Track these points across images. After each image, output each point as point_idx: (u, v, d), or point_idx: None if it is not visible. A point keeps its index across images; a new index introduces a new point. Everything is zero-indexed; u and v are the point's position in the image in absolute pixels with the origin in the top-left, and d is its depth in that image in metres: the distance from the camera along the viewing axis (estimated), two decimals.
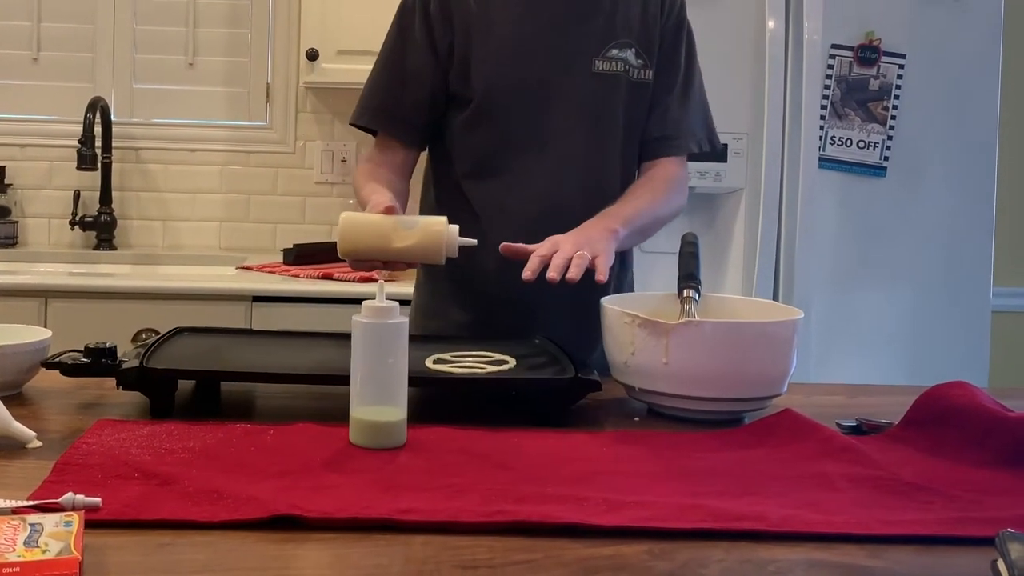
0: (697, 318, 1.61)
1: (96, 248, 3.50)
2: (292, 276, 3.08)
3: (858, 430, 1.48)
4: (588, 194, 1.88)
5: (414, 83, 1.89)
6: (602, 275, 1.60)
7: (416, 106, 1.90)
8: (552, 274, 1.58)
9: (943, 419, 1.41)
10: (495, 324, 1.86)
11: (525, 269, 1.61)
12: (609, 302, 1.63)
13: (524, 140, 1.88)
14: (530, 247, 1.65)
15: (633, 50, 1.90)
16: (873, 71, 2.87)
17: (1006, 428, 1.34)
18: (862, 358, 2.90)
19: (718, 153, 2.82)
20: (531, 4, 1.88)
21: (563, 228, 1.73)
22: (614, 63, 1.89)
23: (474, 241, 1.59)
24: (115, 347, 1.51)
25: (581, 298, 1.69)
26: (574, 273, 1.57)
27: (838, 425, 1.49)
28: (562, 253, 1.61)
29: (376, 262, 1.59)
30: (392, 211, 1.58)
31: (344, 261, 1.63)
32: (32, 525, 0.98)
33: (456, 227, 1.56)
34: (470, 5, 1.86)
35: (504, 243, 1.68)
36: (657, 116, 1.96)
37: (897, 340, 2.94)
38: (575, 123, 1.88)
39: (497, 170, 1.89)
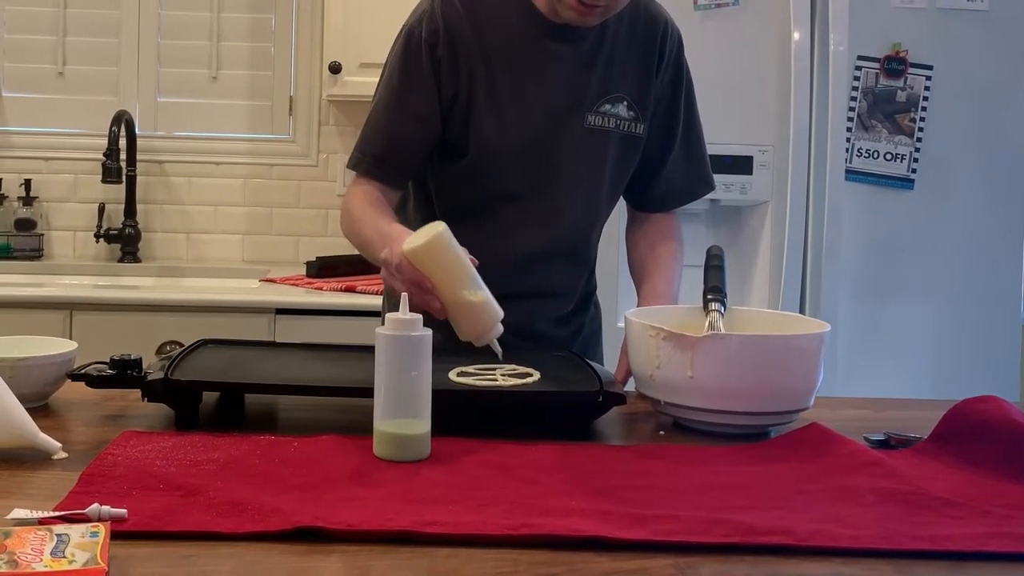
0: (723, 331, 1.60)
1: (120, 260, 3.52)
2: (315, 289, 3.08)
3: (886, 444, 1.47)
4: (567, 243, 1.92)
5: (417, 131, 1.84)
6: None
7: (414, 154, 1.87)
8: None
9: (973, 433, 1.39)
10: (459, 349, 1.74)
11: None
12: (634, 315, 1.62)
13: (510, 193, 1.87)
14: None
15: (625, 103, 1.88)
16: (900, 82, 2.85)
17: None
18: (890, 371, 2.88)
19: (744, 166, 2.82)
20: (532, 57, 1.84)
21: (539, 273, 1.88)
22: (605, 118, 1.87)
23: (499, 350, 1.56)
24: (140, 359, 1.51)
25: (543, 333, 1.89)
26: None
27: (866, 439, 1.47)
28: None
29: (423, 288, 1.54)
30: (474, 264, 1.57)
31: (366, 273, 1.62)
32: (59, 536, 0.98)
33: (502, 328, 1.56)
34: (475, 53, 1.82)
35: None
36: (662, 176, 1.98)
37: (925, 353, 2.91)
38: (561, 176, 1.87)
39: (479, 217, 1.88)
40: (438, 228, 1.54)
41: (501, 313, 1.56)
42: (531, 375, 1.55)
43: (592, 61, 1.86)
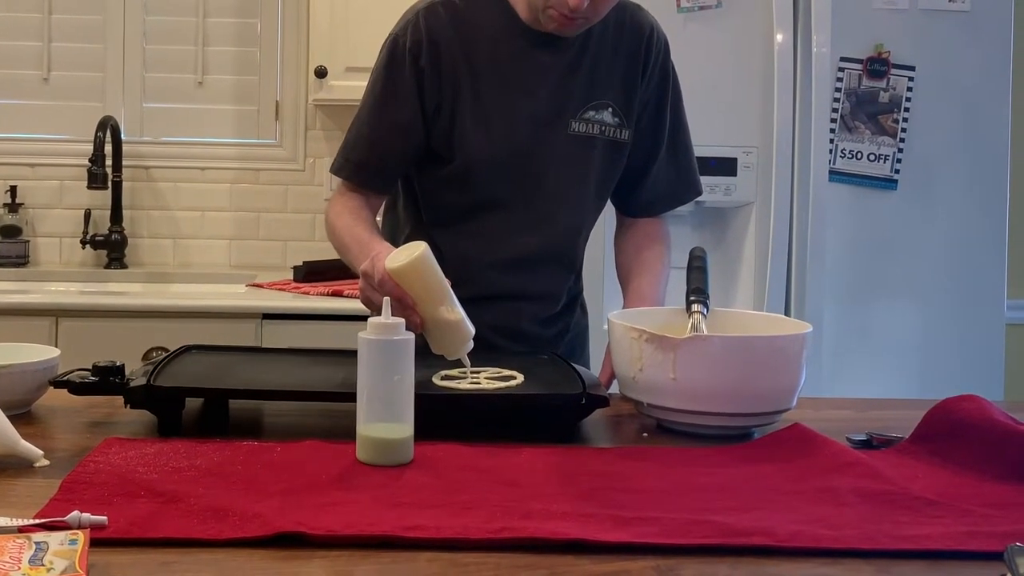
0: (705, 333, 1.61)
1: (107, 267, 3.51)
2: (302, 293, 3.07)
3: (868, 444, 1.48)
4: (553, 248, 1.92)
5: (398, 139, 1.85)
6: None
7: (397, 161, 1.87)
8: None
9: (954, 433, 1.40)
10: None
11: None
12: (617, 317, 1.63)
13: (496, 200, 1.87)
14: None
15: (610, 109, 1.88)
16: (883, 84, 2.86)
17: (1017, 442, 1.33)
18: (874, 372, 2.88)
19: (728, 167, 2.83)
20: (517, 66, 1.84)
21: (525, 277, 1.88)
22: (590, 125, 1.87)
23: (468, 363, 1.58)
24: (123, 365, 1.51)
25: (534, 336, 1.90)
26: None
27: (848, 439, 1.48)
28: None
29: (404, 304, 1.55)
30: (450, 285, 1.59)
31: (354, 277, 1.62)
32: (37, 543, 0.98)
33: (473, 344, 1.59)
34: (459, 63, 1.82)
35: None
36: (648, 181, 1.99)
37: (909, 353, 2.92)
38: (547, 183, 1.87)
39: (466, 224, 1.88)
40: (421, 248, 1.56)
41: (473, 330, 1.59)
42: (514, 378, 1.55)
43: (576, 68, 1.86)
